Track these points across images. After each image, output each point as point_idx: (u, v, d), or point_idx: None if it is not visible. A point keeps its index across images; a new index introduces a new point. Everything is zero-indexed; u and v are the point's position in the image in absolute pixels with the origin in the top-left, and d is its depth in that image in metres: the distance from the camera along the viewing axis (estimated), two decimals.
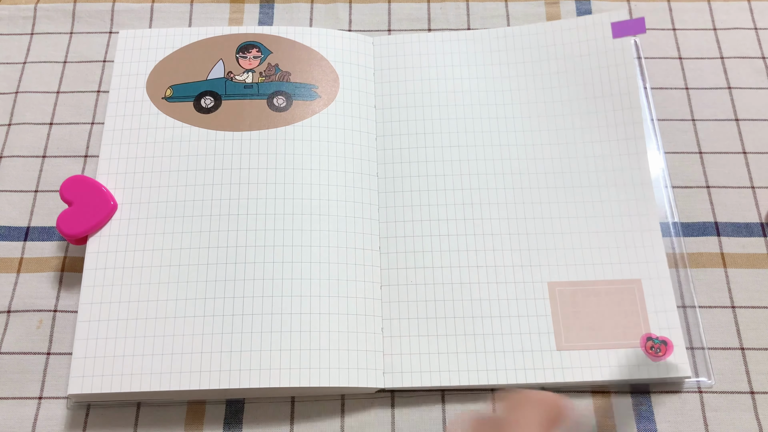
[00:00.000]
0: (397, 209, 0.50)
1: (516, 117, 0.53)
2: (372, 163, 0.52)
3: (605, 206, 0.50)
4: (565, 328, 0.47)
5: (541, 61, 0.54)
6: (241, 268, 0.47)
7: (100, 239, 0.48)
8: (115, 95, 0.53)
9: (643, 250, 0.49)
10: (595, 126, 0.52)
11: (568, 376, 0.46)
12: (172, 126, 0.52)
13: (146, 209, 0.49)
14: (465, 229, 0.49)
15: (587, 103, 0.53)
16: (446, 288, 0.48)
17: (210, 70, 0.54)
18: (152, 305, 0.46)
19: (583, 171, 0.51)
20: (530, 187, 0.51)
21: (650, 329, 0.47)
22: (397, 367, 0.46)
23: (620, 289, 0.48)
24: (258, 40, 0.55)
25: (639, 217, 0.50)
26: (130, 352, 0.45)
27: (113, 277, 0.47)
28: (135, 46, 0.54)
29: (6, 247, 0.52)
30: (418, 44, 0.55)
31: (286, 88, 0.53)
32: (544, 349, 0.46)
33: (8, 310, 0.50)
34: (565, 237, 0.49)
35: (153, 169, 0.50)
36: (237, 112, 0.52)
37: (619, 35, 0.54)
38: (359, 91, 0.54)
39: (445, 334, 0.47)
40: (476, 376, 0.46)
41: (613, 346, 0.46)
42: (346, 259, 0.48)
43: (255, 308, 0.46)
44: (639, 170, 0.51)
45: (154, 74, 0.54)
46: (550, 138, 0.52)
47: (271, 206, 0.49)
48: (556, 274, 0.48)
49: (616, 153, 0.51)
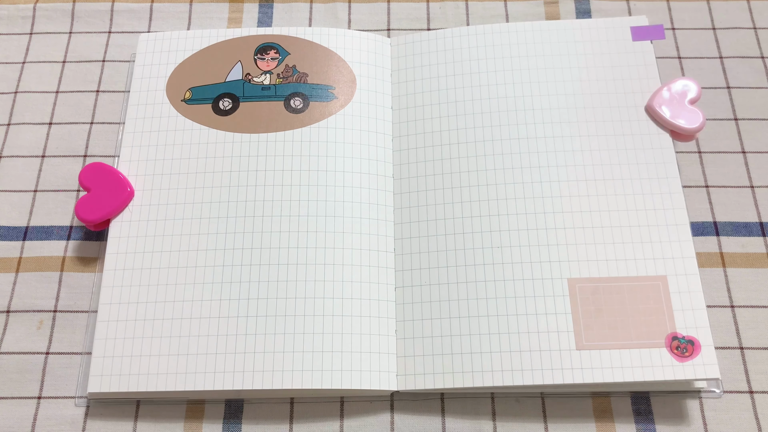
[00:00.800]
0: (411, 210, 0.50)
1: (536, 109, 0.52)
2: (388, 164, 0.52)
3: (629, 200, 0.49)
4: (585, 326, 0.46)
5: (561, 55, 0.54)
6: (257, 269, 0.47)
7: (119, 240, 0.49)
8: (136, 98, 0.53)
9: (669, 246, 0.47)
10: (618, 120, 0.51)
11: (587, 377, 0.44)
12: (191, 128, 0.52)
13: (164, 211, 0.49)
14: (481, 226, 0.49)
15: (609, 98, 0.52)
16: (461, 287, 0.47)
17: (228, 72, 0.54)
18: (171, 306, 0.47)
19: (606, 164, 0.50)
20: (550, 181, 0.50)
21: (676, 328, 0.45)
22: (410, 369, 0.46)
23: (644, 286, 0.46)
24: (276, 41, 0.55)
25: (665, 211, 0.48)
26: (148, 352, 0.46)
27: (132, 277, 0.48)
28: (155, 49, 0.55)
29: (5, 247, 0.52)
30: (435, 42, 0.55)
31: (303, 90, 0.53)
32: (563, 348, 0.45)
33: (8, 310, 0.50)
34: (586, 232, 0.48)
35: (172, 171, 0.51)
36: (255, 114, 0.52)
37: (638, 39, 0.54)
38: (376, 92, 0.54)
39: (459, 334, 0.46)
40: (491, 377, 0.45)
41: (636, 345, 0.45)
42: (361, 261, 0.48)
43: (269, 310, 0.46)
44: (665, 164, 0.50)
45: (174, 77, 0.54)
46: (571, 130, 0.51)
47: (287, 208, 0.49)
48: (577, 271, 0.47)
49: (640, 146, 0.50)
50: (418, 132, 0.52)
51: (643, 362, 0.44)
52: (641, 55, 0.54)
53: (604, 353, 0.45)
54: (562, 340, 0.45)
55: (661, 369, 0.44)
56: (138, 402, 0.47)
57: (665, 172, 0.50)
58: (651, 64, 0.53)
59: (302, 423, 0.46)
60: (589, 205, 0.49)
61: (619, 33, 0.55)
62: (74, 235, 0.52)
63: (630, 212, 0.49)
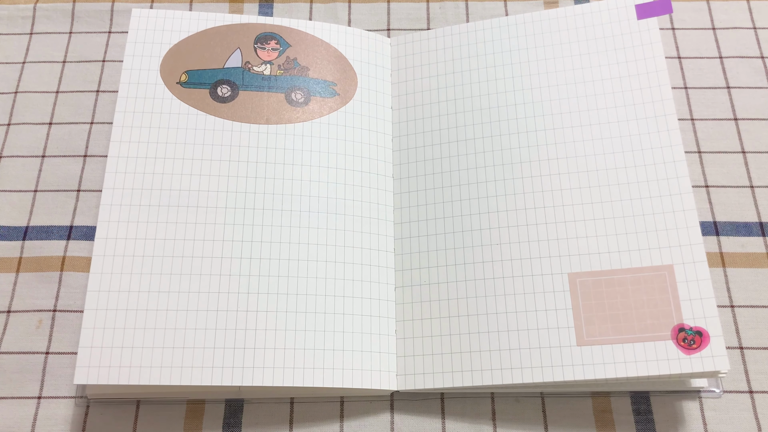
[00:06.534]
0: (411, 209, 0.50)
1: (536, 102, 0.51)
2: (387, 163, 0.52)
3: (633, 189, 0.48)
4: (586, 321, 0.45)
5: (562, 44, 0.53)
6: (250, 263, 0.47)
7: (109, 225, 0.47)
8: (127, 76, 0.52)
9: (676, 233, 0.46)
10: (622, 105, 0.50)
11: (588, 373, 0.43)
12: (187, 113, 0.51)
13: (158, 196, 0.48)
14: (480, 224, 0.48)
15: (613, 83, 0.51)
16: (461, 286, 0.47)
17: (227, 59, 0.53)
18: (166, 297, 0.45)
19: (609, 153, 0.49)
20: (550, 175, 0.49)
21: (683, 319, 0.44)
22: (410, 368, 0.46)
23: (649, 276, 0.45)
24: (277, 31, 0.54)
25: (671, 197, 0.47)
26: (140, 344, 0.44)
27: (122, 264, 0.46)
28: (149, 26, 0.53)
29: (5, 247, 0.52)
30: (435, 40, 0.55)
31: (304, 84, 0.52)
32: (563, 344, 0.44)
33: (8, 310, 0.50)
34: (587, 224, 0.47)
35: (166, 156, 0.49)
36: (255, 104, 0.51)
37: (644, 17, 0.52)
38: (377, 92, 0.54)
39: (459, 333, 0.46)
40: (491, 376, 0.45)
41: (640, 339, 0.43)
42: (361, 260, 0.48)
43: (269, 306, 0.46)
44: (671, 147, 0.48)
45: (169, 57, 0.52)
46: (572, 121, 0.50)
47: (287, 202, 0.49)
48: (578, 265, 0.46)
49: (645, 131, 0.49)
50: (418, 132, 0.52)
51: (648, 356, 0.43)
52: (647, 33, 0.52)
53: (606, 348, 0.44)
54: (562, 337, 0.45)
55: (667, 363, 0.43)
56: (138, 402, 0.47)
57: (672, 156, 0.48)
58: (657, 42, 0.52)
59: (302, 423, 0.46)
60: (591, 197, 0.48)
61: (622, 13, 0.53)
62: (74, 235, 0.52)
63: (634, 201, 0.47)
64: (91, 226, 0.52)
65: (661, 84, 0.50)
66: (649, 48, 0.52)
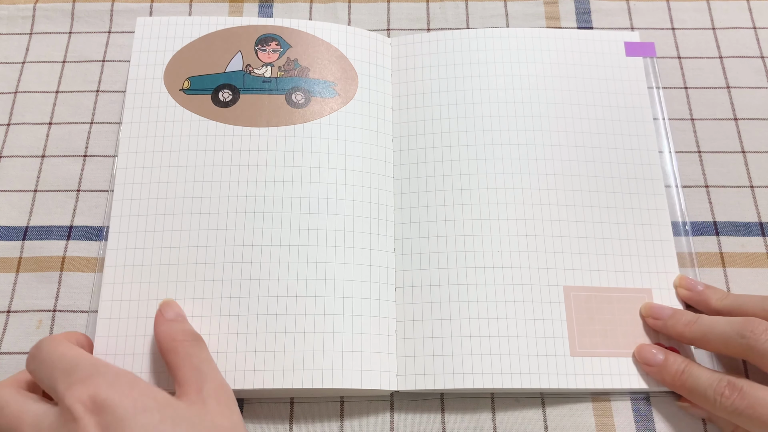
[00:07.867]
0: (412, 210, 0.50)
1: (534, 116, 0.53)
2: (388, 164, 0.52)
3: (619, 213, 0.50)
4: (579, 333, 0.47)
5: (559, 64, 0.55)
6: (251, 267, 0.47)
7: (119, 235, 0.48)
8: (133, 86, 0.52)
9: (654, 260, 0.49)
10: (611, 133, 0.53)
11: (580, 383, 0.45)
12: (190, 120, 0.51)
13: (164, 205, 0.49)
14: (481, 229, 0.49)
15: (602, 110, 0.53)
16: (461, 289, 0.48)
17: (228, 63, 0.53)
18: None
19: (599, 176, 0.51)
20: (548, 189, 0.50)
21: (659, 339, 0.47)
22: (410, 369, 0.46)
23: (632, 297, 0.48)
24: (277, 32, 0.54)
25: (651, 226, 0.50)
26: (145, 350, 0.45)
27: (132, 274, 0.47)
28: (153, 35, 0.54)
29: (5, 247, 0.52)
30: (436, 43, 0.55)
31: (304, 84, 0.52)
32: (558, 353, 0.46)
33: (8, 310, 0.50)
34: (581, 241, 0.49)
35: (171, 164, 0.50)
36: (255, 107, 0.52)
37: (631, 54, 0.56)
38: (377, 91, 0.54)
39: (459, 335, 0.46)
40: (490, 379, 0.45)
41: (625, 354, 0.46)
42: (361, 260, 0.48)
43: (266, 308, 0.46)
44: (652, 180, 0.51)
45: (172, 65, 0.53)
46: (567, 140, 0.52)
47: (288, 204, 0.49)
48: (572, 279, 0.48)
49: (630, 161, 0.52)
50: (419, 133, 0.52)
51: (631, 371, 0.46)
52: (633, 70, 0.55)
53: (596, 360, 0.46)
54: (557, 346, 0.46)
55: (647, 376, 0.46)
56: None
57: (653, 189, 0.51)
58: (641, 80, 0.54)
59: (302, 423, 0.46)
60: (584, 216, 0.50)
61: (613, 46, 0.56)
62: (74, 235, 0.52)
63: (620, 225, 0.50)
64: (91, 226, 0.52)
65: (645, 120, 0.53)
66: (635, 84, 0.54)
